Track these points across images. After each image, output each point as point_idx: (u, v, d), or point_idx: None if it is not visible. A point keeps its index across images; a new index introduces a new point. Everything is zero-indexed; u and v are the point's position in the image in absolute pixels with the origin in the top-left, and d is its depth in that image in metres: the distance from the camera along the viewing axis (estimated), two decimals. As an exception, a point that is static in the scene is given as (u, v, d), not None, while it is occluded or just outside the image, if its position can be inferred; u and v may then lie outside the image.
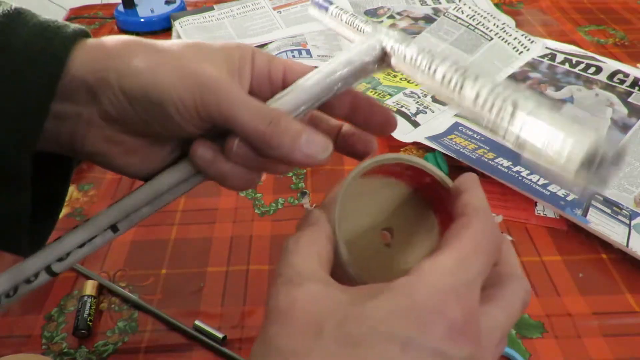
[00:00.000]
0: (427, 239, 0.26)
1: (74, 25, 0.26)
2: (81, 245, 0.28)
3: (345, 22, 0.31)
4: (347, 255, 0.24)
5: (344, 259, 0.23)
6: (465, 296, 0.20)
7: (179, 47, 0.27)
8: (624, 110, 0.61)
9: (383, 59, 0.27)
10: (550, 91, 0.66)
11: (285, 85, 0.29)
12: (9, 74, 0.24)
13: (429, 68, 0.24)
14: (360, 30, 0.30)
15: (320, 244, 0.24)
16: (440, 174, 0.26)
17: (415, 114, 0.63)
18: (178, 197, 0.29)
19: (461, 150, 0.55)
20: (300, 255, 0.23)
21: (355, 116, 0.30)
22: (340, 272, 0.23)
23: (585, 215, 0.48)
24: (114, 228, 0.28)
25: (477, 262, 0.21)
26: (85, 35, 0.26)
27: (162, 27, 0.88)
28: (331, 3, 0.34)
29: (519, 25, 0.86)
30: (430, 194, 0.27)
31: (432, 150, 0.56)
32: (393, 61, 0.26)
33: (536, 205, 0.51)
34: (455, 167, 0.55)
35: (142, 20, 0.86)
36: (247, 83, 0.29)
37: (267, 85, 0.29)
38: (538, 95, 0.20)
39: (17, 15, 0.26)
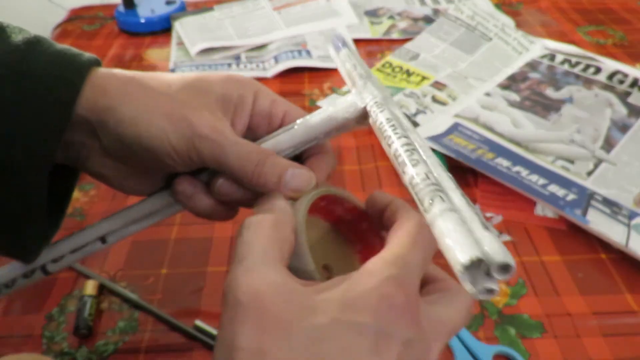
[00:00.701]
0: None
1: (88, 55, 0.28)
2: (73, 251, 0.32)
3: (346, 70, 0.32)
4: (312, 263, 0.24)
5: (309, 266, 0.24)
6: (405, 284, 0.22)
7: (176, 89, 0.28)
8: (623, 111, 0.61)
9: (364, 117, 0.28)
10: (549, 91, 0.66)
11: (283, 125, 0.30)
12: (30, 97, 0.25)
13: (389, 139, 0.25)
14: (353, 82, 0.30)
15: (284, 234, 0.24)
16: (356, 201, 0.28)
17: (415, 114, 0.63)
18: (165, 218, 0.32)
19: (461, 150, 0.55)
20: (263, 240, 0.23)
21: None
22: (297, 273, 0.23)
23: (585, 215, 0.48)
24: (103, 240, 0.32)
25: (414, 256, 0.23)
26: (97, 63, 0.28)
27: (162, 28, 0.88)
28: (345, 45, 0.35)
29: (518, 25, 0.86)
30: (348, 226, 0.30)
31: (432, 150, 0.56)
32: (370, 121, 0.28)
33: (536, 205, 0.51)
34: (455, 167, 0.55)
35: (142, 20, 0.86)
36: (244, 121, 0.30)
37: (266, 124, 0.31)
38: (460, 194, 0.22)
39: (37, 43, 0.27)
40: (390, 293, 0.21)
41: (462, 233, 0.19)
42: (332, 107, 0.28)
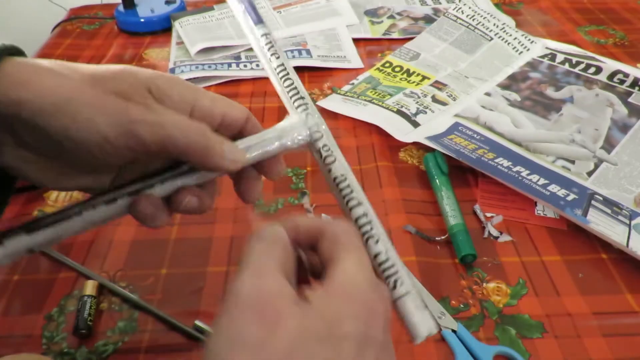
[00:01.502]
0: None
1: (1, 43, 0.25)
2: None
3: (271, 68, 0.31)
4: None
5: None
6: (376, 286, 0.25)
7: (101, 78, 0.26)
8: (624, 111, 0.61)
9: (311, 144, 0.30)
10: (550, 91, 0.66)
11: (223, 124, 0.30)
12: None
13: (348, 203, 0.29)
14: (288, 99, 0.30)
15: (290, 256, 0.26)
16: None
17: (415, 114, 0.63)
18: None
19: (461, 150, 0.55)
20: (275, 253, 0.25)
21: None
22: None
23: (586, 215, 0.48)
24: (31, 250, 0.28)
25: (369, 265, 0.26)
26: (13, 52, 0.26)
27: (162, 27, 0.88)
28: (261, 20, 0.32)
29: (519, 25, 0.86)
30: None
31: (432, 150, 0.56)
32: (315, 155, 0.30)
33: (536, 205, 0.51)
34: (456, 167, 0.55)
35: (142, 20, 0.86)
36: (175, 105, 0.29)
37: (206, 123, 0.29)
38: (410, 280, 0.27)
39: None
40: (374, 299, 0.24)
41: (420, 316, 0.26)
42: (281, 134, 0.29)
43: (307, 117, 0.30)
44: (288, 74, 0.31)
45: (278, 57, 0.31)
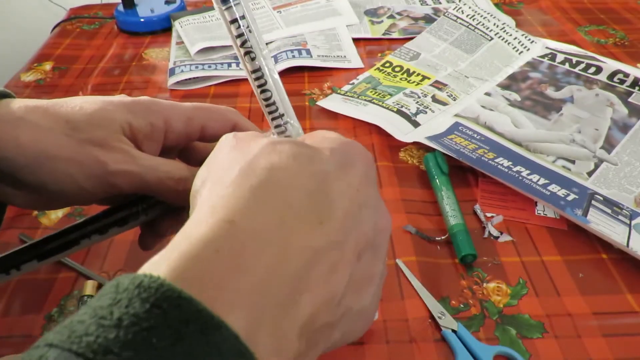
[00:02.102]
0: None
1: None
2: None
3: (247, 71, 0.29)
4: None
5: None
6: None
7: (75, 125, 0.27)
8: (624, 110, 0.61)
9: None
10: (550, 91, 0.66)
11: (205, 136, 0.32)
12: None
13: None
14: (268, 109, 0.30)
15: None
16: None
17: (416, 114, 0.63)
18: None
19: (461, 150, 0.55)
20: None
21: None
22: None
23: (586, 215, 0.48)
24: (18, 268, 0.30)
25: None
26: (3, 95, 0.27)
27: (162, 27, 0.88)
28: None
29: (519, 25, 0.86)
30: None
31: (432, 150, 0.56)
32: None
33: (536, 205, 0.51)
34: (456, 167, 0.55)
35: (142, 20, 0.86)
36: (155, 146, 0.30)
37: (184, 142, 0.31)
38: None
39: None
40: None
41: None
42: None
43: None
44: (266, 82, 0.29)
45: (254, 59, 0.28)
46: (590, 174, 0.53)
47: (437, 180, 0.52)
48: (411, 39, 0.80)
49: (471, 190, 0.54)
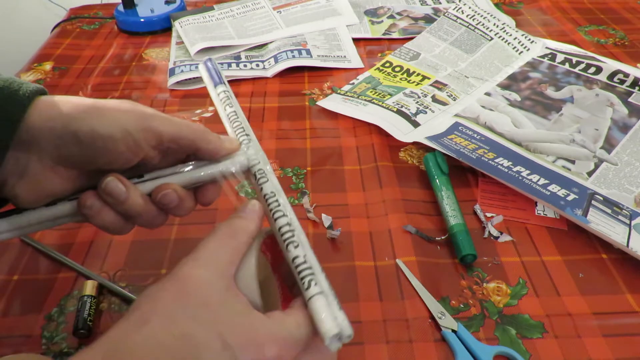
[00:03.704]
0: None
1: (33, 86, 0.30)
2: None
3: (226, 114, 0.38)
4: (259, 299, 0.29)
5: (257, 300, 0.29)
6: (285, 347, 0.27)
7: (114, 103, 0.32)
8: (624, 110, 0.61)
9: (246, 174, 0.35)
10: (550, 91, 0.66)
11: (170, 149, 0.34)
12: None
13: (273, 214, 0.32)
14: (234, 132, 0.36)
15: (241, 244, 0.30)
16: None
17: (416, 114, 0.62)
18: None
19: (461, 150, 0.55)
20: (222, 247, 0.30)
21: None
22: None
23: (586, 215, 0.48)
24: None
25: (307, 331, 0.29)
26: (41, 92, 0.31)
27: (162, 27, 0.88)
28: (222, 81, 0.40)
29: (519, 25, 0.86)
30: (274, 258, 0.35)
31: (432, 150, 0.56)
32: (252, 181, 0.35)
33: (536, 205, 0.51)
34: (456, 167, 0.55)
35: (142, 20, 0.86)
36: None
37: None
38: (324, 277, 0.30)
39: None
40: (269, 349, 0.27)
41: (329, 313, 0.28)
42: (220, 165, 0.34)
43: (248, 149, 0.35)
44: (237, 117, 0.37)
45: (231, 106, 0.38)
46: (590, 174, 0.53)
47: (437, 180, 0.52)
48: (411, 39, 0.80)
49: (471, 190, 0.54)
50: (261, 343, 0.27)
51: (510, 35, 0.77)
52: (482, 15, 0.81)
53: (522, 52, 0.74)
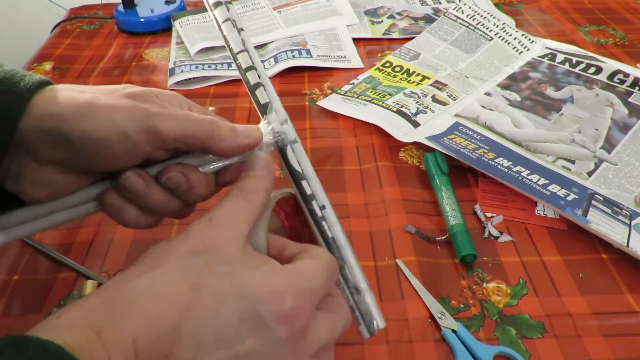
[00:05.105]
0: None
1: (36, 77, 0.29)
2: None
3: (238, 64, 0.33)
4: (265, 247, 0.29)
5: (263, 249, 0.29)
6: (304, 298, 0.26)
7: (112, 86, 0.30)
8: (624, 110, 0.61)
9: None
10: (550, 91, 0.66)
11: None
12: None
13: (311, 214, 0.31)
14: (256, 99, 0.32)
15: (256, 206, 0.29)
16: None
17: (416, 114, 0.62)
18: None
19: (461, 150, 0.55)
20: (237, 209, 0.28)
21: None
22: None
23: (586, 215, 0.48)
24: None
25: (323, 280, 0.28)
26: (45, 84, 0.29)
27: (162, 27, 0.88)
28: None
29: (519, 25, 0.86)
30: (288, 218, 0.35)
31: (432, 150, 0.56)
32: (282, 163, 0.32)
33: (536, 205, 0.51)
34: (456, 167, 0.55)
35: (142, 20, 0.86)
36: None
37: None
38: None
39: None
40: (287, 299, 0.25)
41: (377, 310, 0.31)
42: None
43: (268, 126, 0.32)
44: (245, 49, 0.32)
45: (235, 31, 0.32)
46: (590, 174, 0.53)
47: (437, 180, 0.52)
48: (411, 39, 0.80)
49: (471, 190, 0.54)
50: (281, 293, 0.25)
51: (510, 35, 0.77)
52: (482, 15, 0.81)
53: (522, 52, 0.74)
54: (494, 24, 0.79)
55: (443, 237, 0.48)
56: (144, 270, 0.25)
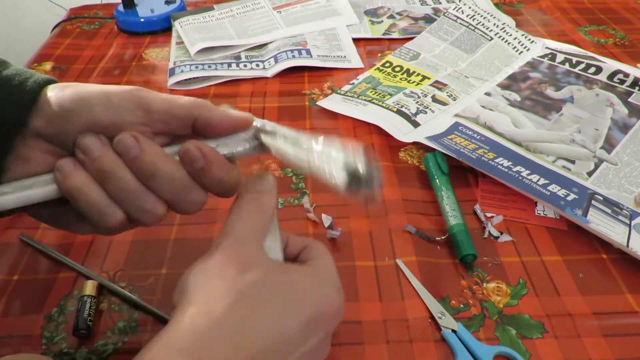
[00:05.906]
0: None
1: (40, 76, 0.30)
2: None
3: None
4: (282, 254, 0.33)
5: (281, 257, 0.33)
6: (340, 292, 0.31)
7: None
8: (624, 110, 0.61)
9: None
10: (550, 91, 0.66)
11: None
12: None
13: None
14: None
15: (268, 215, 0.32)
16: None
17: (416, 114, 0.62)
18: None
19: (461, 150, 0.55)
20: (251, 219, 0.32)
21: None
22: None
23: (586, 215, 0.48)
24: None
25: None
26: (50, 82, 0.30)
27: (162, 27, 0.88)
28: None
29: (519, 25, 0.86)
30: None
31: (432, 150, 0.56)
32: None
33: (536, 205, 0.51)
34: (456, 167, 0.55)
35: (142, 20, 0.86)
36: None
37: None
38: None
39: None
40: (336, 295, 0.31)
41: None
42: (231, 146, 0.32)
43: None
44: None
45: None
46: (590, 174, 0.53)
47: (437, 180, 0.52)
48: (411, 39, 0.80)
49: (471, 190, 0.54)
50: (330, 296, 0.30)
51: (510, 35, 0.77)
52: (482, 15, 0.81)
53: (522, 52, 0.74)
54: (494, 24, 0.79)
55: (443, 237, 0.48)
56: (210, 307, 0.27)
